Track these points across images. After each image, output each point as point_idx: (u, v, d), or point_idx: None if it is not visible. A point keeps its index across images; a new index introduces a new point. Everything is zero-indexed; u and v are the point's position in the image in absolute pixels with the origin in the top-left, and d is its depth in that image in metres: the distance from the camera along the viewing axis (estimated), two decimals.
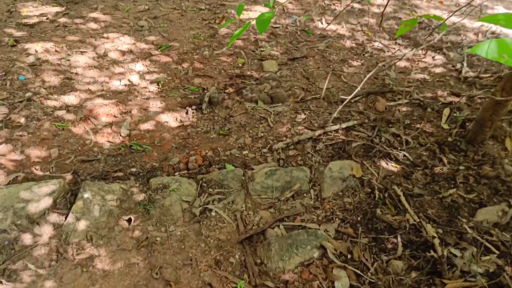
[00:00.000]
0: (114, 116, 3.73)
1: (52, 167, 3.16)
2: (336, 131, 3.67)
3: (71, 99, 3.89)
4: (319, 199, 3.02)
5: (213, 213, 2.85)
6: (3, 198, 2.70)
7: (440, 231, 2.78)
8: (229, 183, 3.05)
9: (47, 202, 2.73)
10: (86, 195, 2.80)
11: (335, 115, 3.81)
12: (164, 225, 2.74)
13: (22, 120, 3.57)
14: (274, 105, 4.00)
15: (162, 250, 2.60)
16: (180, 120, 3.75)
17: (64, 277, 2.39)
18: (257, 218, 2.86)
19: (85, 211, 2.71)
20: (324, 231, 2.73)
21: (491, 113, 3.29)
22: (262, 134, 3.63)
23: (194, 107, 3.89)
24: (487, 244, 2.69)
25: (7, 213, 2.64)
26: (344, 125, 3.69)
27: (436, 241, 2.66)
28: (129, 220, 2.73)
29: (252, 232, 2.73)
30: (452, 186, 3.13)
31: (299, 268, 2.52)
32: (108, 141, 3.47)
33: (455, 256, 2.61)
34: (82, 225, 2.65)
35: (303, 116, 3.87)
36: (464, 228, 2.80)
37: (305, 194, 3.04)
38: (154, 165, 3.30)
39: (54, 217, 2.71)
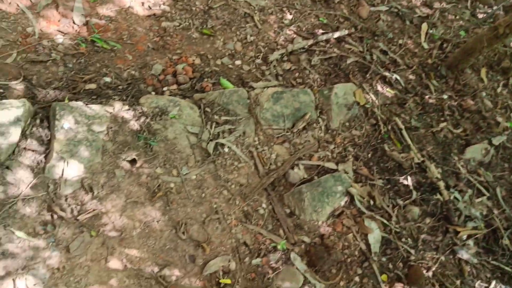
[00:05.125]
0: None
1: None
2: (328, 41, 3.29)
3: None
4: (329, 130, 2.78)
5: (225, 149, 2.42)
6: None
7: (440, 170, 2.86)
8: (235, 109, 2.57)
9: (14, 136, 1.95)
10: (66, 125, 2.07)
11: None
12: (174, 167, 2.24)
13: None
14: None
15: (180, 200, 2.16)
16: (149, 6, 2.89)
17: (71, 246, 1.85)
18: (273, 156, 2.53)
19: (72, 149, 2.03)
20: (344, 172, 2.57)
21: (483, 45, 3.24)
22: (251, 38, 3.05)
23: None
24: (479, 186, 2.87)
25: None
26: (335, 35, 3.31)
27: (441, 184, 2.74)
28: (133, 161, 2.16)
29: (275, 176, 2.43)
30: (442, 119, 3.16)
31: (331, 219, 2.37)
32: (58, 31, 2.53)
33: (458, 200, 2.74)
34: (72, 170, 2.00)
35: (289, 16, 3.33)
36: (458, 167, 2.92)
37: (314, 124, 2.75)
38: (134, 74, 2.57)
39: (29, 158, 1.98)
